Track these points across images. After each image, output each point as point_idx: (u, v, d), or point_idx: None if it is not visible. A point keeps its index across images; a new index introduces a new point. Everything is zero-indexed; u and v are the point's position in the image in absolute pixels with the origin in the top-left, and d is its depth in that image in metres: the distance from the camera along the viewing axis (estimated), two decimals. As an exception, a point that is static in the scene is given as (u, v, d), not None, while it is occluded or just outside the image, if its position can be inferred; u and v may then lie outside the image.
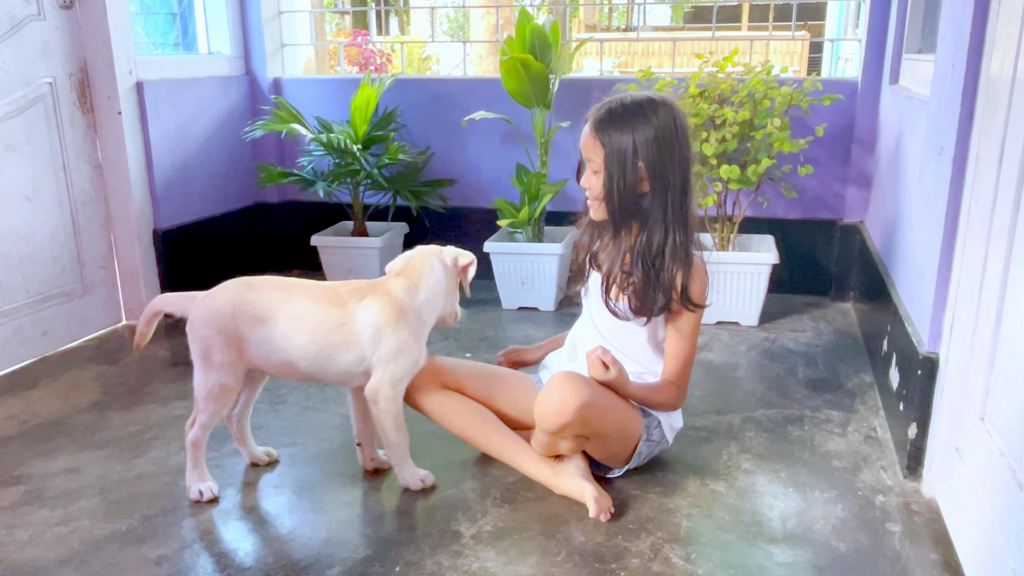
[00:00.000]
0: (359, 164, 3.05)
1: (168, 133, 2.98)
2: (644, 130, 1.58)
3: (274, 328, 1.65)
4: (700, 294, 1.67)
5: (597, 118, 1.62)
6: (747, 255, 2.76)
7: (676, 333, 1.69)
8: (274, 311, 1.65)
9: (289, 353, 1.66)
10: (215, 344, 1.64)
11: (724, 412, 2.13)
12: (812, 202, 3.08)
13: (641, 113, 1.59)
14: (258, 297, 1.66)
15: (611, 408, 1.63)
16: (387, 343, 1.65)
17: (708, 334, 2.73)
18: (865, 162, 2.96)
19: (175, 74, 3.03)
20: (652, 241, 1.62)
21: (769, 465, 1.86)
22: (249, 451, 1.88)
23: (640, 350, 1.74)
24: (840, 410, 2.14)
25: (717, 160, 2.65)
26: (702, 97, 2.70)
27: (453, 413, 1.78)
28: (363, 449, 1.84)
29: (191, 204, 3.13)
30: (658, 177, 1.59)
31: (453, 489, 1.76)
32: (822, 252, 3.09)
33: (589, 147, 1.63)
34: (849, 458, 1.88)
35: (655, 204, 1.61)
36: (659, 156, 1.58)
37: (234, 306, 1.65)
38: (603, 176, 1.62)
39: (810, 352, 2.56)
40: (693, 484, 1.77)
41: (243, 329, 1.65)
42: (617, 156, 1.59)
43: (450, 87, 3.31)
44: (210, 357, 1.65)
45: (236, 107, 3.34)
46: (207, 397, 1.66)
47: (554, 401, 1.56)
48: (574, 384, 1.57)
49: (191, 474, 1.73)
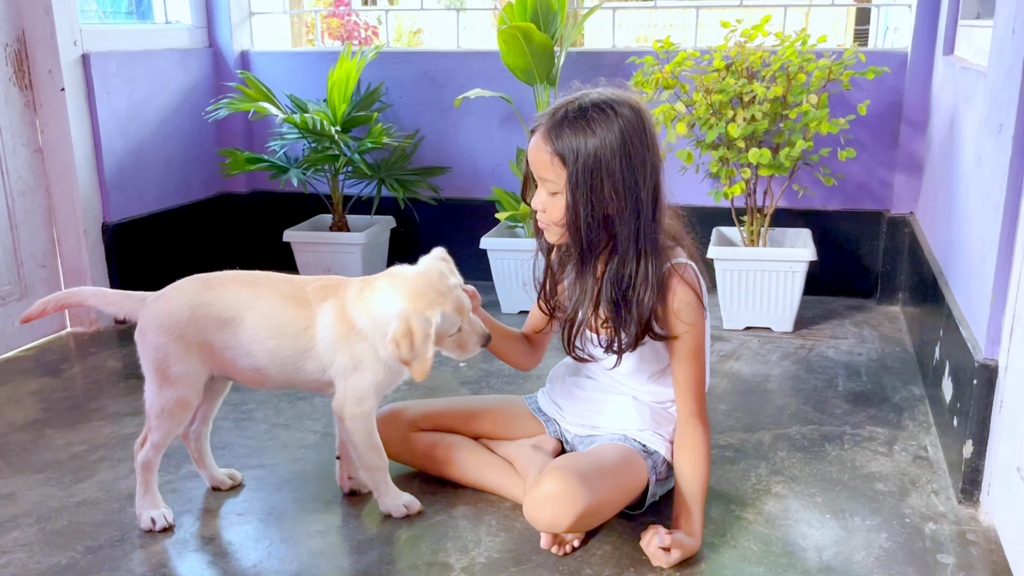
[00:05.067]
0: (338, 149, 3.06)
1: (119, 113, 2.99)
2: (610, 140, 1.49)
3: (241, 330, 1.65)
4: (691, 311, 1.59)
5: (552, 127, 1.52)
6: (780, 251, 2.76)
7: (677, 358, 1.64)
8: (239, 311, 1.66)
9: (258, 358, 1.66)
10: (172, 353, 1.64)
11: (753, 429, 2.13)
12: (854, 191, 3.08)
13: (604, 119, 1.50)
14: (219, 296, 1.66)
15: (611, 491, 1.61)
16: (341, 357, 1.65)
17: (735, 341, 2.73)
18: (915, 144, 2.96)
19: (127, 46, 3.04)
20: (623, 271, 1.56)
21: (804, 489, 1.85)
22: (209, 473, 1.88)
23: (645, 377, 1.74)
24: (885, 426, 2.14)
25: (745, 143, 2.65)
26: (729, 71, 2.70)
27: (429, 456, 1.86)
28: (342, 464, 1.84)
29: (146, 194, 3.13)
30: (629, 196, 1.51)
31: (442, 515, 1.76)
32: (866, 248, 3.09)
33: (544, 164, 1.54)
34: (895, 481, 1.88)
35: (625, 228, 1.53)
36: (630, 170, 1.50)
37: (192, 308, 1.65)
38: (565, 199, 1.53)
39: (852, 361, 2.56)
40: (716, 510, 1.77)
41: (206, 333, 1.65)
42: (583, 176, 1.50)
43: (442, 61, 3.31)
44: (165, 368, 1.64)
45: (197, 84, 3.34)
46: (161, 414, 1.66)
47: (545, 513, 1.55)
48: (569, 492, 1.53)
49: (142, 500, 1.73)
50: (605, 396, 1.79)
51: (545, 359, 1.99)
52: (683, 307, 1.59)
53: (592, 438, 1.79)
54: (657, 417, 1.75)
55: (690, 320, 1.60)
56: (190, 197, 3.35)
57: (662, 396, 1.75)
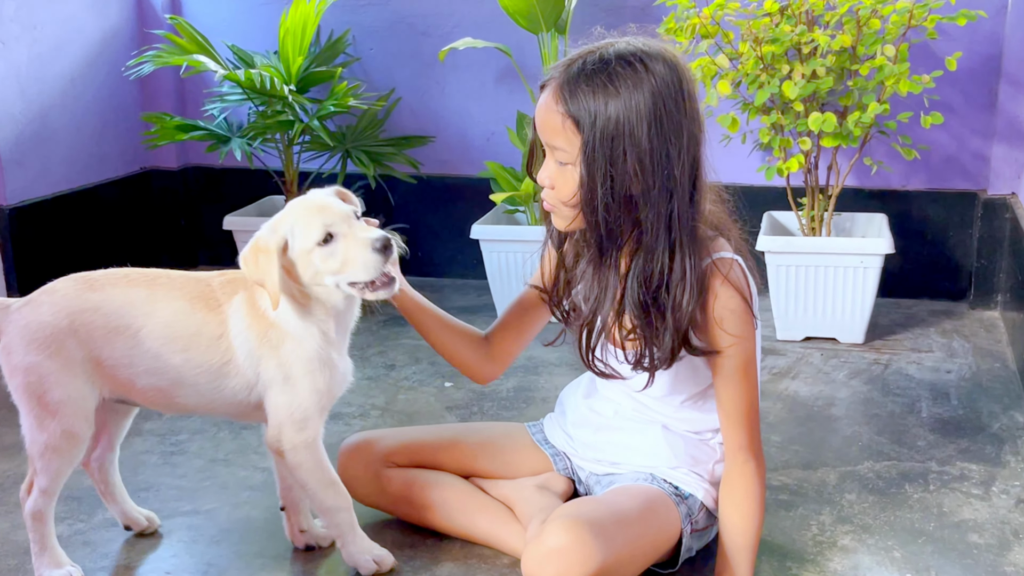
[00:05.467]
0: (292, 113, 3.06)
1: (18, 68, 2.99)
2: (637, 102, 1.48)
3: (137, 342, 1.64)
4: (737, 321, 1.59)
5: (566, 82, 1.52)
6: (848, 242, 2.76)
7: (721, 378, 1.63)
8: (134, 317, 1.65)
9: (163, 376, 1.66)
10: (48, 374, 1.62)
11: (814, 466, 2.13)
12: (942, 166, 3.08)
13: (632, 76, 1.49)
14: (107, 299, 1.65)
15: (632, 545, 1.61)
16: (266, 366, 1.64)
17: (792, 355, 2.72)
18: (1019, 108, 2.96)
19: (29, -15, 3.04)
20: (652, 268, 1.55)
21: (878, 541, 1.85)
22: (121, 509, 1.89)
23: (680, 400, 1.73)
24: (981, 462, 2.13)
25: (804, 105, 2.65)
26: (783, 16, 2.70)
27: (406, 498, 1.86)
28: (289, 516, 1.84)
29: (52, 171, 3.13)
30: (659, 172, 1.50)
31: (425, 573, 1.75)
32: (957, 238, 3.09)
33: (554, 128, 1.54)
34: (993, 531, 1.87)
35: (653, 212, 1.52)
36: (661, 140, 1.49)
37: (72, 315, 1.64)
38: (579, 173, 1.53)
39: (939, 381, 2.55)
40: (768, 567, 1.76)
41: (91, 347, 1.64)
42: (601, 145, 1.49)
43: (423, 4, 3.31)
44: (43, 395, 1.63)
45: (116, 33, 3.34)
46: (44, 452, 1.65)
47: (549, 573, 1.54)
48: (578, 547, 1.52)
49: (39, 559, 1.72)
50: (628, 425, 1.78)
51: (557, 376, 1.98)
52: (727, 314, 1.58)
53: (611, 477, 1.78)
54: (694, 451, 1.74)
55: (736, 331, 1.59)
56: (107, 174, 3.35)
57: (702, 424, 1.75)
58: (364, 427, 2.31)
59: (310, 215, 1.60)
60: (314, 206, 1.62)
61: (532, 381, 2.55)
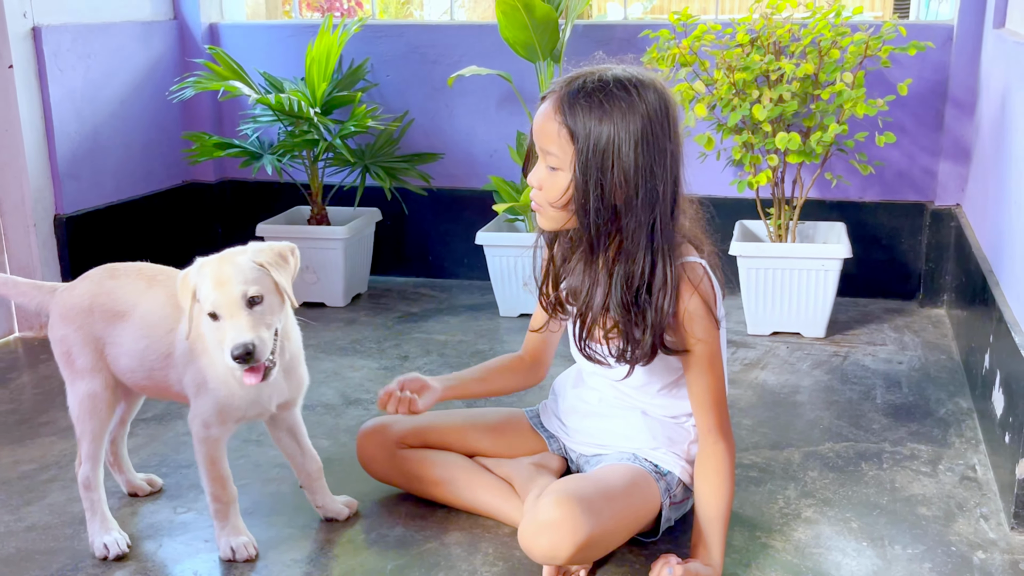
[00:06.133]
0: (317, 133, 3.06)
1: (74, 93, 2.99)
2: (631, 120, 1.48)
3: (126, 325, 1.69)
4: (702, 323, 1.58)
5: (566, 96, 1.52)
6: (811, 247, 2.76)
7: (690, 370, 1.63)
8: (130, 305, 1.70)
9: (131, 360, 1.69)
10: (75, 345, 1.71)
11: (780, 446, 2.13)
12: (894, 180, 3.08)
13: (626, 97, 1.49)
14: (118, 287, 1.72)
15: (618, 518, 1.61)
16: (190, 370, 1.65)
17: (761, 348, 2.72)
18: (963, 128, 2.96)
19: (83, 18, 3.04)
20: (633, 271, 1.54)
21: (837, 513, 1.85)
22: (126, 479, 1.95)
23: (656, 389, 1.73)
24: (929, 443, 2.13)
25: (772, 126, 2.65)
26: (754, 47, 2.70)
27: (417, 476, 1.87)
28: (308, 494, 1.85)
29: (103, 183, 3.13)
30: (644, 186, 1.50)
31: (433, 542, 1.76)
32: (907, 244, 3.09)
33: (549, 134, 1.53)
34: (940, 504, 1.88)
35: (636, 221, 1.52)
36: (647, 157, 1.49)
37: (92, 297, 1.71)
38: (571, 179, 1.52)
39: (891, 371, 2.56)
40: (740, 536, 1.76)
41: (99, 327, 1.70)
42: (595, 154, 1.49)
43: (434, 35, 3.31)
44: (72, 362, 1.71)
45: (161, 60, 3.34)
46: (80, 415, 1.72)
47: (542, 543, 1.54)
48: (569, 520, 1.52)
49: (91, 525, 1.75)
50: (612, 411, 1.78)
51: (553, 367, 1.98)
52: (693, 316, 1.57)
53: (599, 457, 1.78)
54: (671, 433, 1.74)
55: (701, 331, 1.58)
56: (152, 186, 3.34)
57: (676, 410, 1.75)
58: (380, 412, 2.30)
59: (209, 286, 1.53)
60: (216, 279, 1.53)
61: (530, 371, 2.56)
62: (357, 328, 2.97)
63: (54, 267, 2.93)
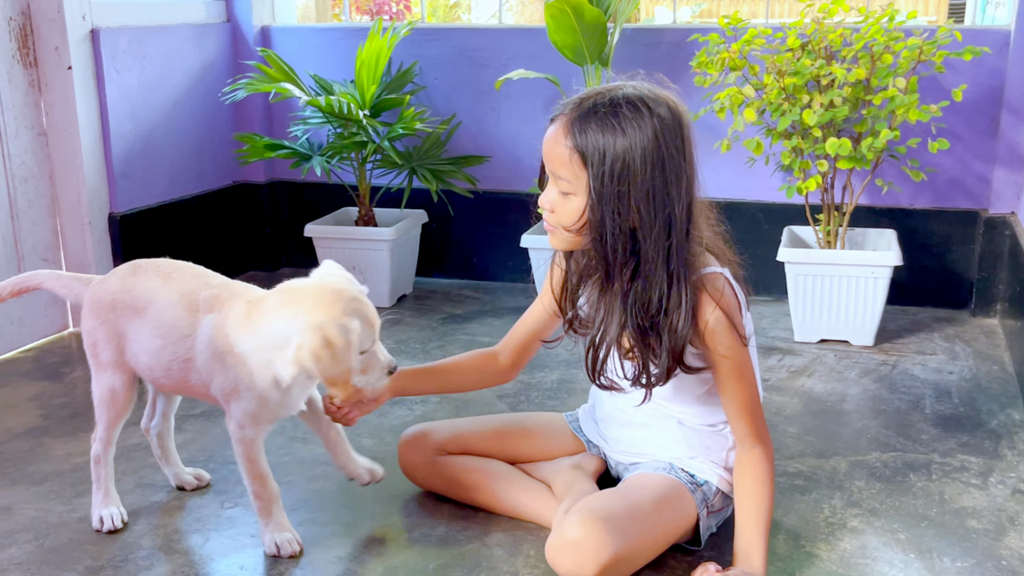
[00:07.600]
0: (366, 135, 3.09)
1: (129, 94, 3.04)
2: (641, 143, 1.45)
3: (143, 323, 1.72)
4: (724, 337, 1.54)
5: (576, 119, 1.48)
6: (861, 255, 2.73)
7: (719, 382, 1.61)
8: (146, 301, 1.72)
9: (147, 356, 1.72)
10: (100, 339, 1.75)
11: (826, 455, 2.11)
12: (947, 187, 3.03)
13: (637, 118, 1.45)
14: (138, 283, 1.74)
15: (646, 535, 1.59)
16: (218, 379, 1.67)
17: (808, 355, 2.70)
18: (1019, 135, 2.91)
19: (139, 20, 3.10)
20: (650, 295, 1.51)
21: (884, 523, 1.83)
22: (174, 472, 1.97)
23: (691, 399, 1.71)
24: (980, 455, 2.10)
25: (822, 131, 2.62)
26: (804, 51, 2.67)
27: (458, 483, 1.87)
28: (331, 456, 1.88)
29: (156, 183, 3.19)
30: (659, 210, 1.47)
31: (475, 543, 1.76)
32: (959, 252, 3.04)
33: (560, 159, 1.50)
34: (991, 517, 1.84)
35: (652, 246, 1.48)
36: (662, 180, 1.46)
37: (115, 293, 1.75)
38: (585, 204, 1.49)
39: (941, 381, 2.52)
40: (784, 545, 1.75)
41: (121, 322, 1.74)
42: (609, 180, 1.45)
43: (481, 39, 3.32)
44: (97, 354, 1.76)
45: (214, 62, 3.39)
46: (100, 402, 1.78)
47: (567, 561, 1.54)
48: (593, 539, 1.51)
49: (95, 496, 1.83)
50: (647, 420, 1.76)
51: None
52: (715, 332, 1.54)
53: (636, 466, 1.78)
54: (708, 442, 1.72)
55: (725, 350, 1.55)
56: (204, 186, 3.40)
57: (713, 417, 1.72)
58: (424, 412, 2.32)
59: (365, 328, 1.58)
60: (368, 319, 1.59)
61: (573, 374, 2.55)
62: (402, 329, 2.99)
63: (108, 265, 2.99)
